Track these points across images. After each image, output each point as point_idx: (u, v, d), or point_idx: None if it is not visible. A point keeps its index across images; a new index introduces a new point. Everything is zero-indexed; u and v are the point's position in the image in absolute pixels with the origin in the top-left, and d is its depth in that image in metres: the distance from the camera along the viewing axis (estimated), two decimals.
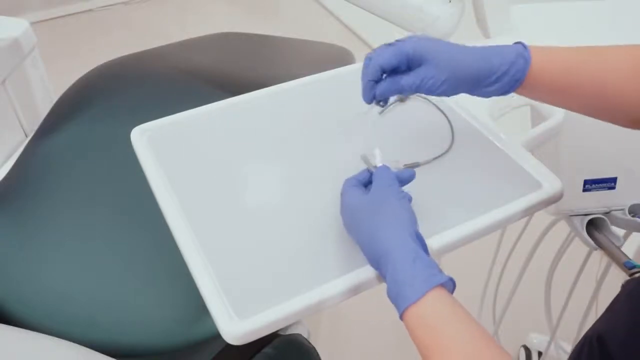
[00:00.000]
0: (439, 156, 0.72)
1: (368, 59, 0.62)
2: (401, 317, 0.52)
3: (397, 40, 0.61)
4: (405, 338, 0.52)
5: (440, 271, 0.52)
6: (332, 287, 0.57)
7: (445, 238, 0.62)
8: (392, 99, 0.77)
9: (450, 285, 0.53)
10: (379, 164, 0.61)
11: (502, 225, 0.66)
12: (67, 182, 0.90)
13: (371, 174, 0.61)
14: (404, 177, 0.60)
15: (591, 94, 0.60)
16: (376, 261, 0.55)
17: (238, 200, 0.66)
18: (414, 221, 0.56)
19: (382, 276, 0.55)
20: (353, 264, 0.58)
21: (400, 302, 0.51)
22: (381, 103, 0.64)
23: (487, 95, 0.62)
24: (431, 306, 0.50)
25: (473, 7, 0.89)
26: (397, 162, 0.69)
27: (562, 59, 0.61)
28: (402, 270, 0.52)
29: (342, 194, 0.61)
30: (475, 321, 0.51)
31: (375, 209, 0.56)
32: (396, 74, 0.61)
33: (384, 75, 0.62)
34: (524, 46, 0.60)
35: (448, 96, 0.62)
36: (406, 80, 0.60)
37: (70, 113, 1.00)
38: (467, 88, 0.61)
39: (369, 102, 0.63)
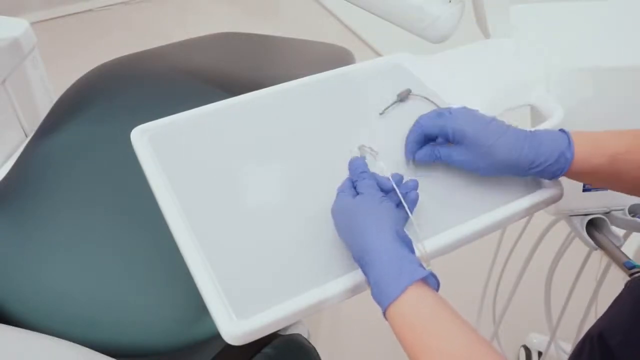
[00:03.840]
0: None
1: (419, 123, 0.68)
2: (385, 317, 0.52)
3: (447, 110, 0.65)
4: None
5: (421, 266, 0.52)
6: (332, 287, 0.57)
7: (445, 238, 0.62)
8: (391, 100, 0.78)
9: (432, 280, 0.52)
10: (387, 174, 0.62)
11: (502, 226, 0.66)
12: (67, 182, 0.90)
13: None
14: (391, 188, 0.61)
15: (638, 178, 0.60)
16: (360, 263, 0.55)
17: (238, 200, 0.66)
18: (396, 220, 0.56)
19: (366, 277, 0.54)
20: (353, 263, 0.58)
21: (382, 300, 0.51)
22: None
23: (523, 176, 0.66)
24: (413, 304, 0.50)
25: (473, 7, 0.89)
26: (397, 162, 0.70)
27: (607, 149, 0.60)
28: (382, 269, 0.51)
29: (335, 200, 0.61)
30: (460, 317, 0.50)
31: (357, 211, 0.56)
32: (437, 143, 0.67)
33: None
34: (569, 140, 0.60)
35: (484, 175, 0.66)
36: (444, 153, 0.65)
37: (70, 113, 1.00)
38: (505, 174, 0.64)
39: (410, 159, 0.69)
